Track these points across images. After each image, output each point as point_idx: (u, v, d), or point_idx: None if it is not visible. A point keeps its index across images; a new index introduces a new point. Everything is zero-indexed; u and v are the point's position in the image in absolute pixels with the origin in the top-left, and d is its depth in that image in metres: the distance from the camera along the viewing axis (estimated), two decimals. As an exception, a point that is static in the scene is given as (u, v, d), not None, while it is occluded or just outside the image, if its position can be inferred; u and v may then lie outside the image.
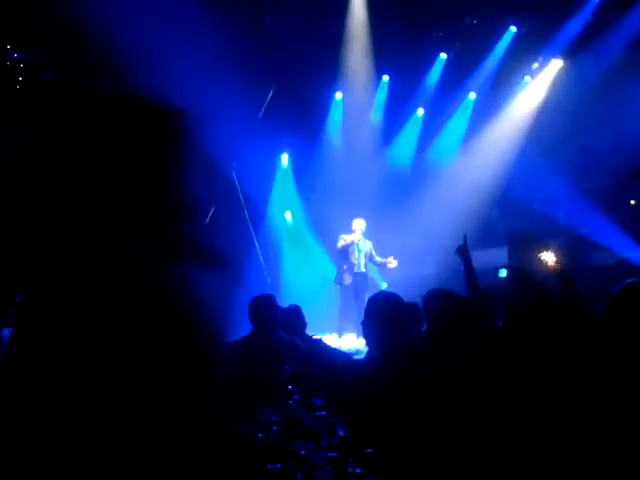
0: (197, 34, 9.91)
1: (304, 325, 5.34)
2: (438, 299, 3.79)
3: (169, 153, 2.40)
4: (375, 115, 12.50)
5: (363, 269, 10.06)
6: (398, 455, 2.75)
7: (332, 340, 9.11)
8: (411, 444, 2.82)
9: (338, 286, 10.18)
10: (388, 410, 3.06)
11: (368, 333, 3.94)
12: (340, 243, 10.12)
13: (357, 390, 3.36)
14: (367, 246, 10.17)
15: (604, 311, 3.12)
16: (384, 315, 3.80)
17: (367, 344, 4.12)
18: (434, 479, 2.74)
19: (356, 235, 10.01)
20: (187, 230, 2.39)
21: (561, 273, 3.99)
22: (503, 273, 3.78)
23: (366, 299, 9.26)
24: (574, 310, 3.46)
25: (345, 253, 10.10)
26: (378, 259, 10.15)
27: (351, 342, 9.01)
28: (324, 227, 11.64)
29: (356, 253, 10.01)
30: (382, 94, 12.40)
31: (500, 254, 10.87)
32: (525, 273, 3.71)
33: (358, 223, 10.11)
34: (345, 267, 10.08)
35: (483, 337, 3.21)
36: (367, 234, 10.28)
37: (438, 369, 3.09)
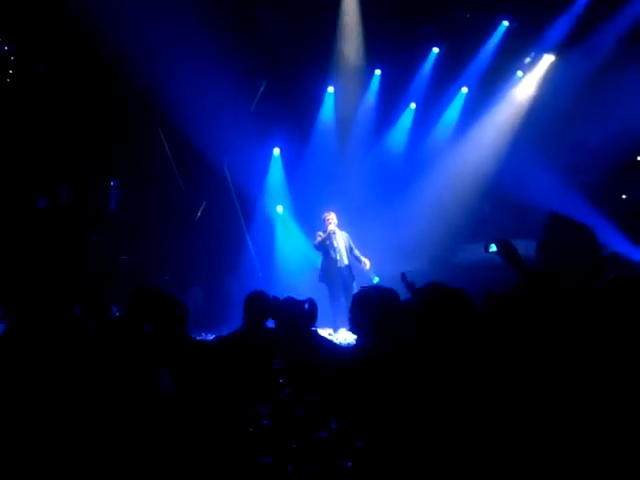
0: (188, 28, 9.89)
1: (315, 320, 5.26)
2: (432, 294, 3.79)
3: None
4: (367, 109, 12.48)
5: (346, 261, 9.99)
6: (388, 448, 2.76)
7: (326, 334, 9.11)
8: (401, 437, 2.83)
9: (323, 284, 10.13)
10: (379, 404, 3.06)
11: (355, 327, 4.17)
12: (317, 240, 10.07)
13: (348, 383, 3.36)
14: (344, 238, 10.08)
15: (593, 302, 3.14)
16: (368, 310, 3.98)
17: (356, 336, 4.28)
18: (424, 473, 2.75)
19: (331, 226, 9.92)
20: None
21: None
22: (493, 248, 3.78)
23: (355, 290, 9.29)
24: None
25: (325, 249, 10.02)
26: (356, 252, 10.06)
27: (345, 336, 9.00)
28: (315, 221, 11.63)
29: (335, 247, 9.93)
30: (374, 88, 12.38)
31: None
32: (510, 246, 3.73)
33: (330, 217, 10.04)
34: (326, 264, 10.02)
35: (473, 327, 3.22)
36: (358, 228, 10.24)
37: (430, 363, 3.10)
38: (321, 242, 10.01)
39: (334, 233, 9.96)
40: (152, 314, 3.56)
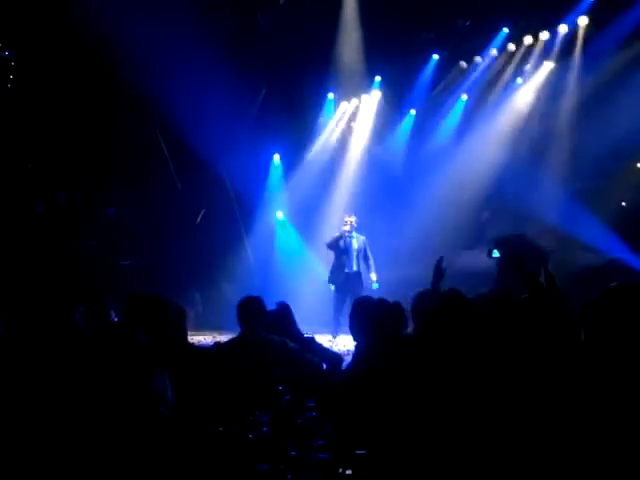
0: (189, 33, 9.91)
1: (293, 323, 5.20)
2: (427, 300, 3.81)
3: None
4: (367, 116, 12.50)
5: (355, 267, 9.93)
6: (387, 456, 2.76)
7: (325, 340, 9.07)
8: (401, 445, 2.83)
9: (332, 286, 10.13)
10: (377, 411, 3.06)
11: (354, 334, 4.18)
12: (330, 239, 10.03)
13: (346, 390, 3.36)
14: (359, 242, 10.02)
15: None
16: (366, 319, 4.00)
17: (355, 343, 4.30)
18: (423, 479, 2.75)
19: (346, 227, 9.88)
20: None
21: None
22: (497, 254, 3.81)
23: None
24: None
25: (337, 252, 9.99)
26: (370, 261, 10.01)
27: (345, 343, 8.96)
28: (315, 226, 11.64)
29: (347, 251, 9.90)
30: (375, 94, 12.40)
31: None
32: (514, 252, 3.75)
33: (348, 219, 10.01)
34: (336, 266, 10.01)
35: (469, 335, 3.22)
36: (360, 233, 10.21)
37: (426, 369, 3.10)
38: (332, 243, 9.98)
39: (349, 237, 9.91)
40: (146, 319, 3.56)
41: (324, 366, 4.82)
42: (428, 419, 2.89)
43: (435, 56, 12.13)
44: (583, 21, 11.13)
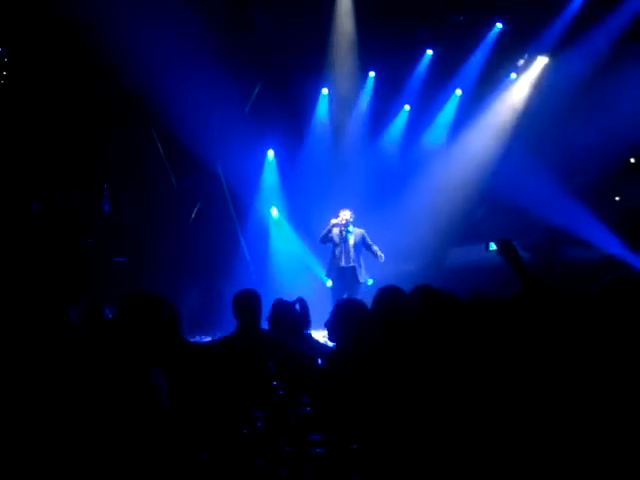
0: (183, 30, 9.89)
1: (308, 321, 5.20)
2: (422, 296, 3.80)
3: None
4: (361, 111, 12.49)
5: (351, 262, 9.86)
6: (382, 451, 2.76)
7: (321, 337, 9.06)
8: (394, 439, 2.83)
9: (329, 281, 10.13)
10: (371, 406, 3.06)
11: (332, 334, 4.28)
12: (322, 233, 9.97)
13: (340, 386, 3.36)
14: (356, 237, 9.94)
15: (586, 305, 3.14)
16: (346, 322, 4.06)
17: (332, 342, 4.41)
18: (417, 474, 2.75)
19: (335, 221, 9.81)
20: None
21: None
22: (493, 247, 3.77)
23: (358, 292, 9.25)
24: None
25: (333, 246, 9.94)
26: (374, 248, 9.92)
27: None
28: (310, 222, 11.62)
29: (341, 245, 9.84)
30: (368, 90, 12.39)
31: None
32: (512, 246, 3.74)
33: (342, 213, 9.94)
34: (333, 261, 9.97)
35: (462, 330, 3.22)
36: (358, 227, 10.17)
37: (421, 363, 3.10)
38: (323, 236, 9.93)
39: (346, 231, 9.84)
40: (142, 317, 3.55)
41: (319, 362, 4.82)
42: (419, 412, 2.89)
43: (429, 51, 12.13)
44: (577, 16, 11.15)
